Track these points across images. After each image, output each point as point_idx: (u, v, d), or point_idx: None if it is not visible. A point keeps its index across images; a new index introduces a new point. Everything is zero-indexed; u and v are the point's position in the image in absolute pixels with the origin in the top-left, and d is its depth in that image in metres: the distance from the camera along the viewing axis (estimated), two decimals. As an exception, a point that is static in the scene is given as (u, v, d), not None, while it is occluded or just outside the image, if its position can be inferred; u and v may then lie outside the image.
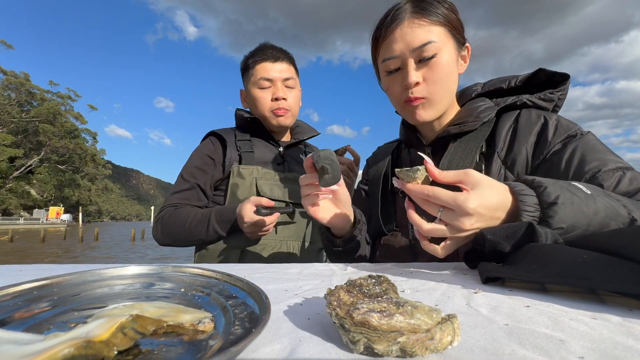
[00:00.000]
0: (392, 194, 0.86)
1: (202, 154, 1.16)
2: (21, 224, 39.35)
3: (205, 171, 1.14)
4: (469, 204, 0.46)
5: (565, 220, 0.46)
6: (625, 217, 0.49)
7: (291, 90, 1.20)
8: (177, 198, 1.11)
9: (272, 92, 1.16)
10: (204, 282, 0.38)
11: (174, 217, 1.05)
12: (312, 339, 0.27)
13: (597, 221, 0.47)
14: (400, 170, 0.53)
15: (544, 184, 0.49)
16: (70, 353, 0.20)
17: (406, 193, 0.53)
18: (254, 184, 1.11)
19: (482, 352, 0.24)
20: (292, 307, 0.35)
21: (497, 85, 0.80)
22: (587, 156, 0.62)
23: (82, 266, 0.66)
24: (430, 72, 0.70)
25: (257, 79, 1.16)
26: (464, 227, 0.48)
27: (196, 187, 1.12)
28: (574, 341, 0.26)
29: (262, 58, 1.17)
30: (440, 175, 0.50)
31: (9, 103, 44.34)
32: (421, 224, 0.51)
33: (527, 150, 0.69)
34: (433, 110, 0.73)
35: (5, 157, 41.46)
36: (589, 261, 0.36)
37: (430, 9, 0.70)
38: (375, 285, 0.31)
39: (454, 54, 0.72)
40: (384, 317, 0.24)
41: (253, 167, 1.13)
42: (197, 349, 0.25)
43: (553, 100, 0.75)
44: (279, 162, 1.21)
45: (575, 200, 0.47)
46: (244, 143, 1.20)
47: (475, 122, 0.73)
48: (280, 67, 1.18)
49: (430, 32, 0.68)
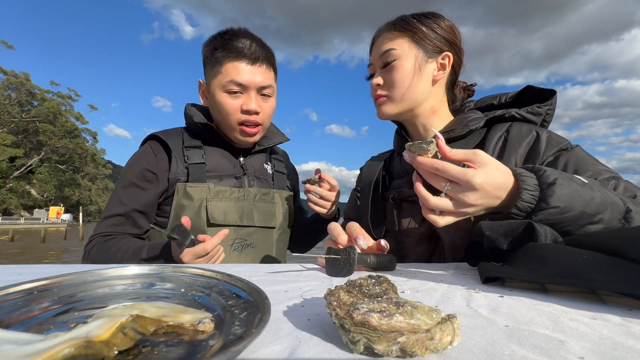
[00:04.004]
0: (382, 200, 0.89)
1: (141, 167, 0.93)
2: (22, 223, 39.37)
3: (144, 189, 0.92)
4: (477, 179, 0.49)
5: (563, 200, 0.49)
6: (621, 207, 0.51)
7: (267, 100, 0.97)
8: (110, 225, 0.91)
9: (243, 101, 0.93)
10: (204, 282, 0.38)
11: (102, 252, 0.86)
12: (312, 340, 0.27)
13: (593, 206, 0.50)
14: (412, 144, 0.54)
15: (543, 168, 0.52)
16: (70, 353, 0.20)
17: (415, 166, 0.55)
18: (203, 207, 0.91)
19: (482, 353, 0.24)
20: (292, 308, 0.35)
21: (489, 101, 0.86)
22: (580, 167, 0.66)
23: (82, 266, 0.66)
24: (388, 75, 0.79)
25: (227, 81, 0.91)
26: (468, 201, 0.50)
27: (132, 212, 0.91)
28: (573, 341, 0.26)
29: (236, 55, 0.91)
30: (450, 152, 0.52)
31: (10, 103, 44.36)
32: (427, 196, 0.53)
33: (517, 160, 0.73)
34: (393, 106, 0.80)
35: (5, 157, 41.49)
36: (589, 261, 0.36)
37: (400, 24, 0.79)
38: (375, 285, 0.31)
39: (415, 62, 0.78)
40: (384, 317, 0.24)
41: (204, 185, 0.92)
42: (197, 349, 0.25)
43: (541, 114, 0.80)
44: (237, 176, 1.00)
45: (573, 185, 0.50)
46: (193, 151, 0.96)
47: (463, 129, 0.78)
48: (258, 71, 0.93)
49: (392, 42, 0.78)
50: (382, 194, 0.89)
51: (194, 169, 0.94)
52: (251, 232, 0.96)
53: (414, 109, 0.80)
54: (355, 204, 0.96)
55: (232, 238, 0.93)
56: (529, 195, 0.50)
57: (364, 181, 0.94)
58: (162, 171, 0.93)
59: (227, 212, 0.93)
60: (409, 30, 0.78)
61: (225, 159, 1.01)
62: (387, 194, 0.88)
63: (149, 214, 0.94)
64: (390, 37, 0.79)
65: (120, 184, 0.95)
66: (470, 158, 0.51)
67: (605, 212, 0.50)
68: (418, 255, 0.80)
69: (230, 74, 0.91)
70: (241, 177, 1.01)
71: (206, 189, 0.92)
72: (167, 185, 0.93)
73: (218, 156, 1.00)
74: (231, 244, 0.93)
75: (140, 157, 0.96)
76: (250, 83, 0.92)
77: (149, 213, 0.94)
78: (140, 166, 0.94)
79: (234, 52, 0.92)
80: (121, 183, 0.95)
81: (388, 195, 0.87)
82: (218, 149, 1.01)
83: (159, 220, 0.95)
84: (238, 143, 1.02)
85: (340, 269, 0.54)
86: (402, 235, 0.82)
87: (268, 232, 1.00)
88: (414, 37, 0.78)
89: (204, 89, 1.01)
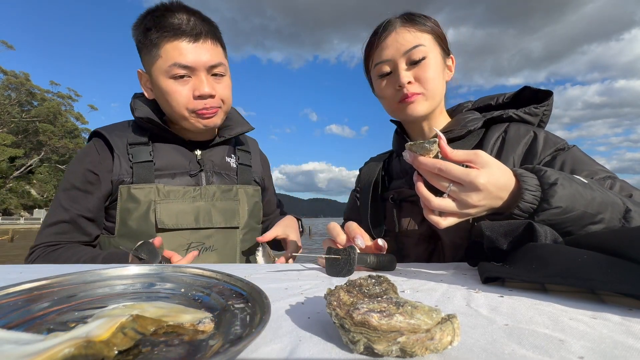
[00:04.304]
0: (381, 200, 0.89)
1: (84, 169, 0.84)
2: (22, 223, 39.37)
3: (87, 192, 0.83)
4: (480, 179, 0.48)
5: (564, 200, 0.49)
6: (621, 206, 0.52)
7: (220, 80, 0.86)
8: (53, 234, 0.80)
9: (193, 86, 0.81)
10: (204, 282, 0.38)
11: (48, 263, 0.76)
12: (312, 339, 0.27)
13: (594, 206, 0.50)
14: (413, 143, 0.54)
15: (544, 169, 0.52)
16: (70, 353, 0.20)
17: (416, 167, 0.54)
18: (151, 210, 0.81)
19: (482, 352, 0.24)
20: (293, 307, 0.35)
21: (486, 102, 0.86)
22: (577, 166, 0.66)
23: (82, 266, 0.66)
24: (422, 71, 0.75)
25: (169, 65, 0.79)
26: (471, 202, 0.50)
27: (77, 217, 0.81)
28: (573, 341, 0.26)
29: (174, 34, 0.78)
30: (452, 153, 0.51)
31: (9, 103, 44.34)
32: (430, 197, 0.52)
33: (515, 160, 0.73)
34: (428, 104, 0.77)
35: (5, 157, 41.46)
36: (589, 261, 0.36)
37: (418, 20, 0.77)
38: (375, 285, 0.31)
39: (441, 60, 0.78)
40: (384, 317, 0.24)
41: (151, 185, 0.82)
42: (197, 349, 0.25)
43: (538, 114, 0.80)
44: (192, 173, 0.89)
45: (574, 185, 0.50)
46: (139, 149, 0.86)
47: (462, 130, 0.78)
48: (203, 48, 0.81)
49: (419, 37, 0.75)
50: (381, 194, 0.89)
51: (138, 168, 0.84)
52: (210, 234, 0.87)
53: (435, 108, 0.80)
54: (355, 204, 0.97)
55: (187, 242, 0.84)
56: (530, 196, 0.50)
57: (363, 182, 0.94)
58: (106, 172, 0.84)
59: (179, 215, 0.83)
60: (430, 27, 0.77)
61: (179, 154, 0.89)
62: (386, 194, 0.88)
63: (97, 220, 0.84)
64: (411, 31, 0.76)
65: (61, 188, 0.85)
66: (472, 159, 0.51)
67: (606, 212, 0.50)
68: (418, 256, 0.80)
69: (172, 56, 0.78)
70: (197, 174, 0.90)
71: (154, 190, 0.82)
72: (110, 187, 0.84)
73: (170, 152, 0.89)
74: (186, 248, 0.84)
75: (82, 157, 0.86)
76: (197, 63, 0.80)
77: (97, 219, 0.84)
78: (83, 167, 0.84)
79: (171, 31, 0.78)
80: (63, 186, 0.85)
81: (388, 195, 0.87)
82: (170, 145, 0.90)
83: (107, 226, 0.86)
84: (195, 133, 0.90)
85: (340, 269, 0.54)
86: (402, 236, 0.82)
87: (231, 233, 0.92)
88: (434, 35, 0.77)
89: (146, 79, 0.87)
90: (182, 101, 0.82)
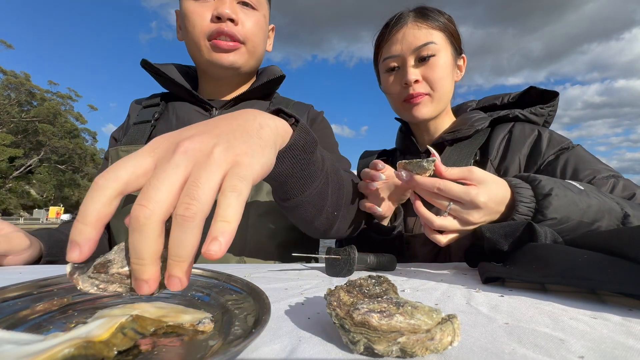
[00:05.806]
0: None
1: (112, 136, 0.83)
2: (21, 224, 39.36)
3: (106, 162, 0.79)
4: (480, 197, 0.48)
5: (559, 211, 0.48)
6: (619, 212, 0.51)
7: (249, 13, 0.75)
8: None
9: (214, 7, 0.72)
10: (204, 282, 0.38)
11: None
12: (312, 339, 0.27)
13: (590, 214, 0.49)
14: (409, 162, 0.52)
15: (538, 178, 0.52)
16: (70, 353, 0.20)
17: (412, 186, 0.53)
18: None
19: (482, 352, 0.24)
20: (293, 307, 0.35)
21: (491, 101, 0.86)
22: (580, 165, 0.66)
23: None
24: (430, 71, 0.73)
25: None
26: (472, 220, 0.50)
27: None
28: (574, 340, 0.26)
29: None
30: (446, 171, 0.51)
31: (9, 103, 44.29)
32: (432, 218, 0.52)
33: (520, 160, 0.73)
34: (433, 107, 0.76)
35: (5, 157, 41.43)
36: (589, 261, 0.36)
37: (431, 15, 0.75)
38: (375, 285, 0.31)
39: (451, 59, 0.76)
40: (384, 317, 0.24)
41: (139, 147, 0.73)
42: (197, 349, 0.24)
43: (543, 115, 0.80)
44: None
45: (569, 194, 0.50)
46: (147, 111, 0.81)
47: (469, 129, 0.77)
48: None
49: (430, 34, 0.73)
50: None
51: (134, 130, 0.77)
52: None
53: (442, 110, 0.79)
54: None
55: None
56: (525, 208, 0.50)
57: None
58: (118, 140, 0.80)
59: None
60: (442, 24, 0.75)
61: (191, 114, 0.78)
62: None
63: None
64: (423, 27, 0.74)
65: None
66: (466, 176, 0.50)
67: (603, 220, 0.50)
68: (424, 256, 0.79)
69: None
70: None
71: None
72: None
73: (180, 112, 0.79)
74: None
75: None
76: None
77: None
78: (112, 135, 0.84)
79: None
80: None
81: None
82: (184, 103, 0.80)
83: None
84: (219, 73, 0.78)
85: (340, 269, 0.54)
86: (409, 236, 0.81)
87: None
88: (446, 33, 0.75)
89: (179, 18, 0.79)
90: (198, 23, 0.72)
